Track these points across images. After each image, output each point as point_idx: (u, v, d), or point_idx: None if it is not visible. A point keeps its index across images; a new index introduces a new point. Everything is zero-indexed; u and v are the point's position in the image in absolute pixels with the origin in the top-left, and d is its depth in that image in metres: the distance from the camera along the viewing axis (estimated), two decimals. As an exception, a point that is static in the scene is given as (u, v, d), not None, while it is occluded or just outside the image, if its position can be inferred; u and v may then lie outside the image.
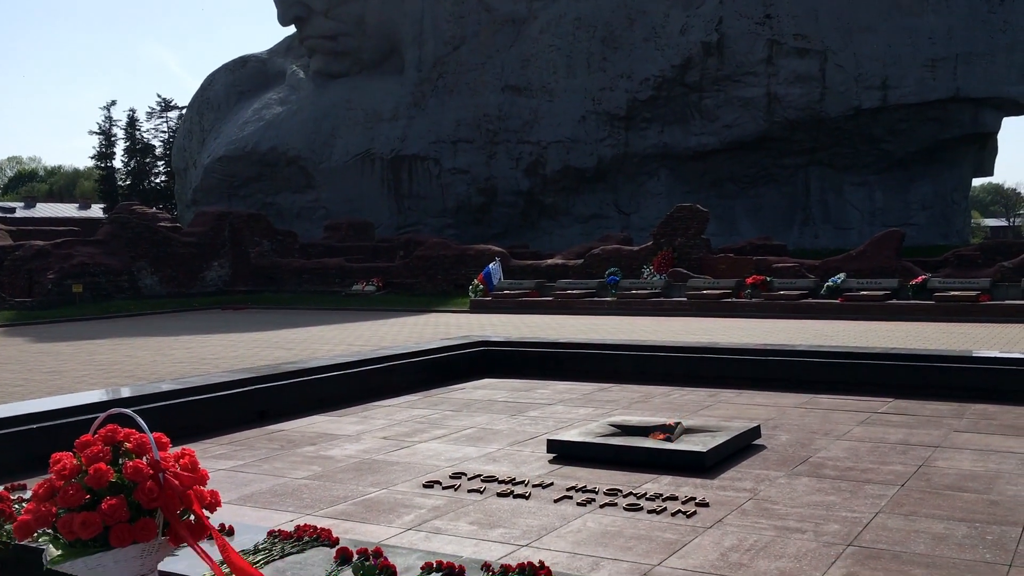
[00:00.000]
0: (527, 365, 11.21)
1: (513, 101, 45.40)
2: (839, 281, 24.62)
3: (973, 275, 24.38)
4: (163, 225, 34.43)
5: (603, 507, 5.34)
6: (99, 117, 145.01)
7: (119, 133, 74.59)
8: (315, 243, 39.10)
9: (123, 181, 74.16)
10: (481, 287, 28.78)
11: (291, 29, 54.81)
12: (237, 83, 55.76)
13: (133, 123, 73.94)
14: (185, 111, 61.63)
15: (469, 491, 5.77)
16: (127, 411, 3.21)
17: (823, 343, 15.75)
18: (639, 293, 26.59)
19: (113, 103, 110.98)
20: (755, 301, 24.53)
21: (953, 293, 22.73)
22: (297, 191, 49.92)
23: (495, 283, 29.02)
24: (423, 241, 35.06)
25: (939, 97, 38.79)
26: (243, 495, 5.83)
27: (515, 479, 5.99)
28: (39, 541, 3.03)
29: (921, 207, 41.82)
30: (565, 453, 6.59)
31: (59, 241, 33.08)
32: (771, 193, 43.03)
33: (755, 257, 28.04)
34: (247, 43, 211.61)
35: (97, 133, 74.36)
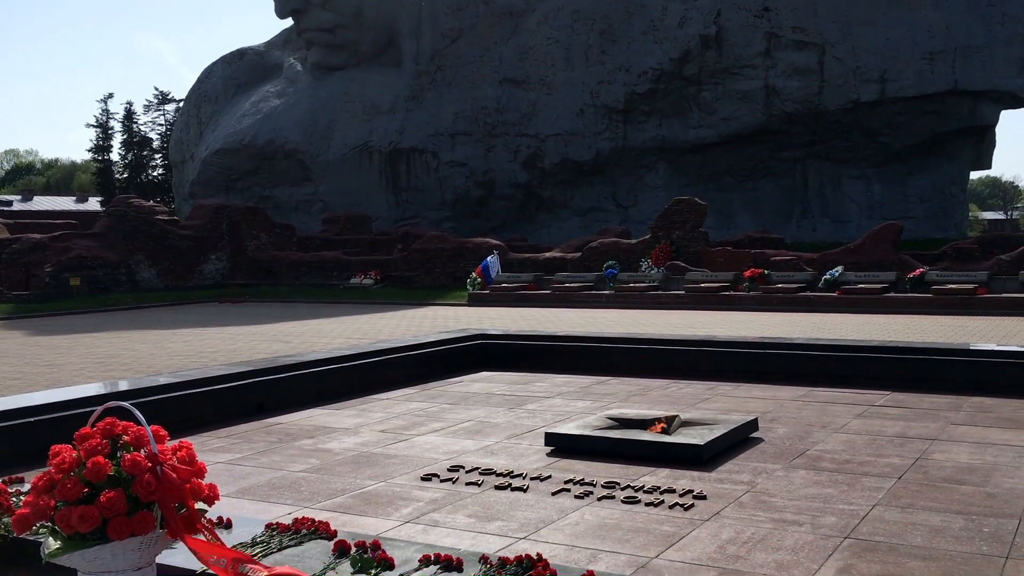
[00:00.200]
0: (525, 358, 11.22)
1: (511, 94, 45.34)
2: (837, 274, 24.63)
3: (971, 268, 24.40)
4: (160, 218, 34.39)
5: (601, 500, 5.35)
6: (96, 110, 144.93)
7: (116, 126, 74.55)
8: (313, 236, 39.06)
9: (120, 174, 74.07)
10: (479, 280, 28.78)
11: (289, 21, 54.68)
12: (234, 76, 55.64)
13: (130, 116, 73.84)
14: (182, 104, 61.52)
15: (467, 484, 5.77)
16: (125, 404, 3.21)
17: (821, 336, 15.76)
18: (637, 286, 26.60)
19: (110, 96, 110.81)
20: (753, 294, 24.54)
21: (951, 286, 22.76)
22: (295, 184, 49.85)
23: (493, 276, 29.02)
24: (421, 234, 35.04)
25: (937, 90, 38.79)
26: (241, 488, 5.84)
27: (513, 472, 5.99)
28: (38, 534, 3.04)
29: (919, 200, 41.83)
30: (563, 446, 6.60)
31: (56, 234, 33.04)
32: (769, 186, 43.02)
33: (753, 250, 28.05)
34: (244, 36, 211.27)
35: (94, 126, 74.31)
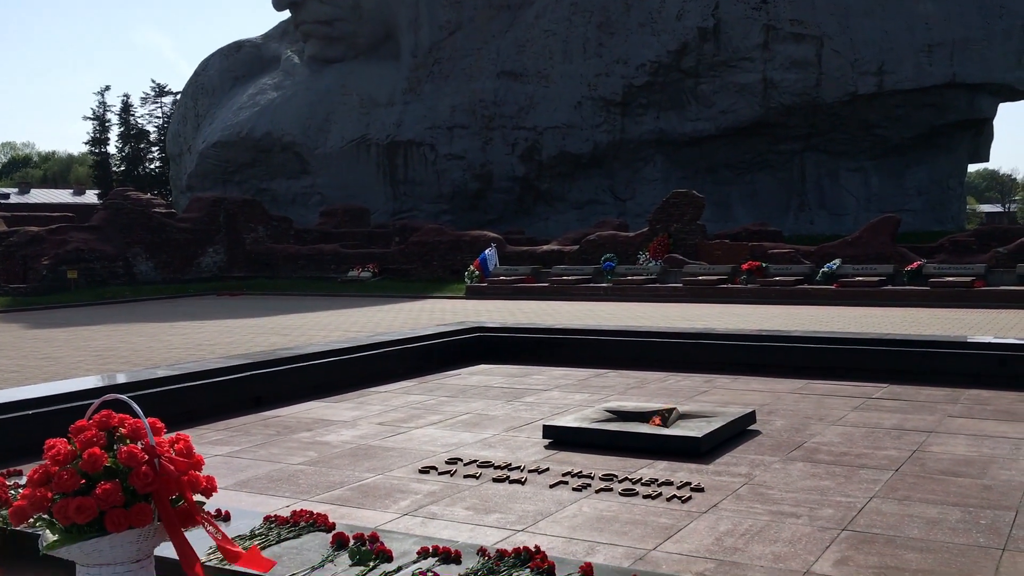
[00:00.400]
0: (523, 351, 11.23)
1: (509, 87, 45.26)
2: (834, 267, 24.64)
3: (968, 261, 24.41)
4: (158, 211, 34.34)
5: (599, 492, 5.36)
6: (93, 102, 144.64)
7: (113, 119, 74.32)
8: (310, 229, 39.02)
9: (117, 167, 73.91)
10: (477, 273, 28.77)
11: (286, 14, 54.52)
12: (232, 68, 55.50)
13: (127, 108, 73.64)
14: (179, 96, 61.36)
15: (465, 476, 5.78)
16: (122, 397, 3.21)
17: (818, 329, 15.78)
18: (635, 279, 26.60)
19: (107, 88, 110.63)
20: (751, 287, 24.55)
21: (948, 279, 22.77)
22: (292, 177, 49.77)
23: (491, 269, 29.01)
24: (419, 227, 35.00)
25: (935, 83, 38.75)
26: (239, 481, 5.84)
27: (511, 465, 6.00)
28: (35, 526, 3.04)
29: (917, 193, 41.83)
30: (561, 439, 6.61)
31: (54, 227, 32.98)
32: (767, 179, 43.00)
33: (751, 243, 28.04)
34: (241, 28, 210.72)
35: (91, 119, 74.09)
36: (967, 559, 4.17)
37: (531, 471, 5.85)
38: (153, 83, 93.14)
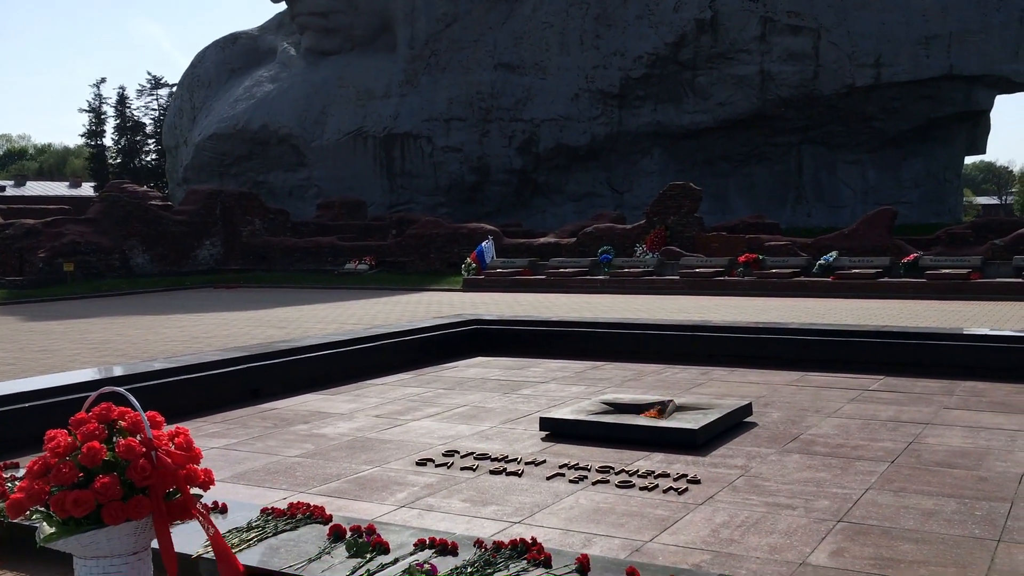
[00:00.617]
0: (520, 343, 11.24)
1: (506, 79, 45.19)
2: (831, 259, 24.65)
3: (964, 253, 24.43)
4: (154, 203, 34.28)
5: (595, 484, 5.37)
6: (89, 95, 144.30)
7: (109, 111, 74.21)
8: (307, 222, 38.98)
9: (113, 159, 73.77)
10: (474, 265, 28.76)
11: (282, 6, 54.38)
12: (228, 60, 55.35)
13: (123, 101, 73.48)
14: (175, 88, 61.23)
15: (462, 469, 5.79)
16: (120, 390, 3.21)
17: (815, 321, 15.79)
18: (632, 271, 26.60)
19: (103, 80, 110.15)
20: (747, 279, 24.56)
21: (944, 271, 22.80)
22: (289, 169, 49.70)
23: (488, 261, 29.00)
24: (416, 220, 34.97)
25: (932, 75, 38.74)
26: (236, 473, 5.85)
27: (508, 457, 6.01)
28: (32, 519, 3.04)
29: (913, 185, 41.86)
30: (558, 431, 6.62)
31: (50, 220, 32.92)
32: (764, 171, 43.01)
33: (748, 235, 28.05)
34: (238, 20, 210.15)
35: (87, 111, 74.00)
36: (962, 550, 4.18)
37: (528, 463, 5.86)
38: (149, 75, 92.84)
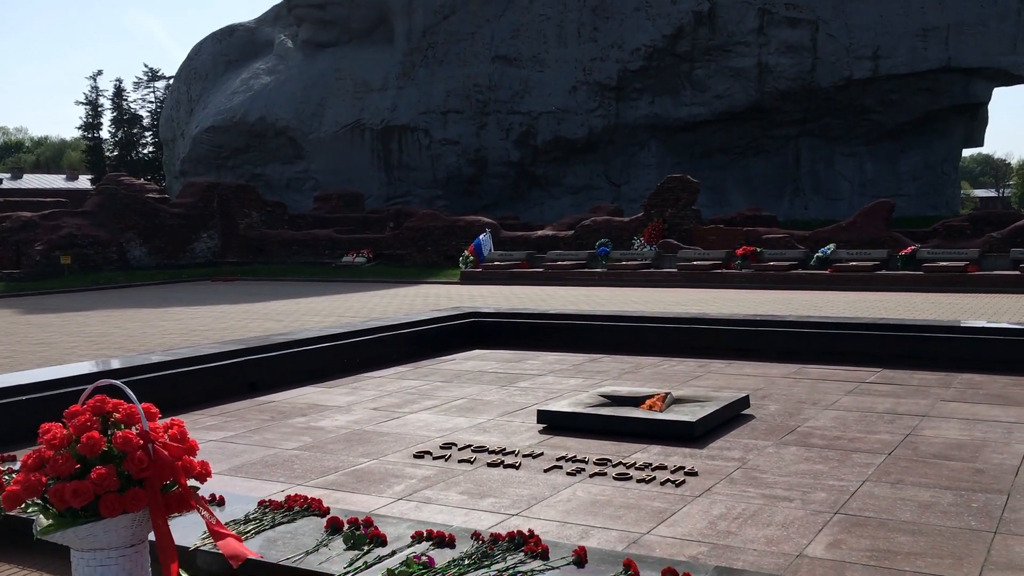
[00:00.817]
0: (517, 336, 11.24)
1: (503, 71, 45.10)
2: (829, 252, 24.65)
3: (962, 246, 24.44)
4: (151, 196, 34.21)
5: (593, 477, 5.37)
6: (85, 87, 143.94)
7: (106, 103, 73.94)
8: (304, 214, 38.92)
9: (110, 152, 73.59)
10: (471, 258, 28.74)
11: (279, -2, 54.24)
12: (224, 52, 55.19)
13: (120, 93, 73.24)
14: (172, 81, 61.03)
15: (459, 461, 5.79)
16: (116, 382, 3.20)
17: (812, 314, 15.80)
18: (629, 264, 26.60)
19: (99, 73, 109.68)
20: (745, 272, 24.57)
21: (942, 264, 22.81)
22: (286, 162, 49.61)
23: (485, 254, 28.98)
24: (413, 212, 34.93)
25: (930, 67, 38.70)
26: (234, 466, 5.85)
27: (505, 449, 6.02)
28: (28, 511, 3.04)
29: (911, 178, 41.85)
30: (555, 423, 6.62)
31: (47, 212, 32.85)
32: (761, 164, 42.98)
33: (745, 228, 28.04)
34: (234, 12, 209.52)
35: (84, 103, 73.72)
36: (959, 542, 4.19)
37: (525, 456, 5.86)
38: (146, 67, 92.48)
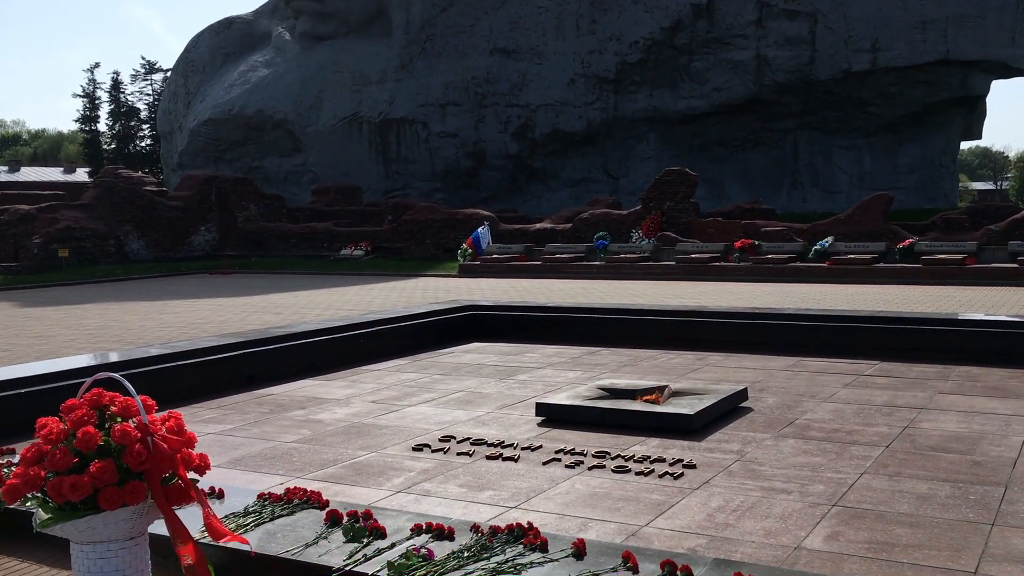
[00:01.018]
0: (516, 329, 11.24)
1: (502, 64, 45.02)
2: (827, 245, 24.66)
3: (960, 238, 24.45)
4: (149, 189, 34.15)
5: (591, 469, 5.38)
6: (83, 80, 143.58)
7: (103, 96, 73.77)
8: (303, 207, 38.88)
9: (108, 145, 73.43)
10: (470, 251, 28.73)
11: (276, -10, 54.07)
12: (222, 45, 55.06)
13: (117, 86, 73.07)
14: (170, 74, 60.90)
15: (458, 454, 5.80)
16: (115, 375, 3.20)
17: (810, 307, 15.81)
18: (628, 257, 26.60)
19: (97, 65, 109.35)
20: (743, 265, 24.57)
21: (940, 256, 22.82)
22: (284, 155, 49.54)
23: (484, 247, 28.97)
24: (411, 205, 34.90)
25: (928, 60, 38.65)
26: (233, 459, 5.85)
27: (504, 442, 6.02)
28: (27, 505, 3.04)
29: (909, 170, 41.84)
30: (554, 416, 6.63)
31: (44, 205, 32.79)
32: (760, 157, 42.95)
33: (743, 221, 28.04)
34: (232, 4, 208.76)
35: (81, 96, 73.56)
36: (956, 534, 4.20)
37: (524, 448, 5.87)
38: (143, 60, 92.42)
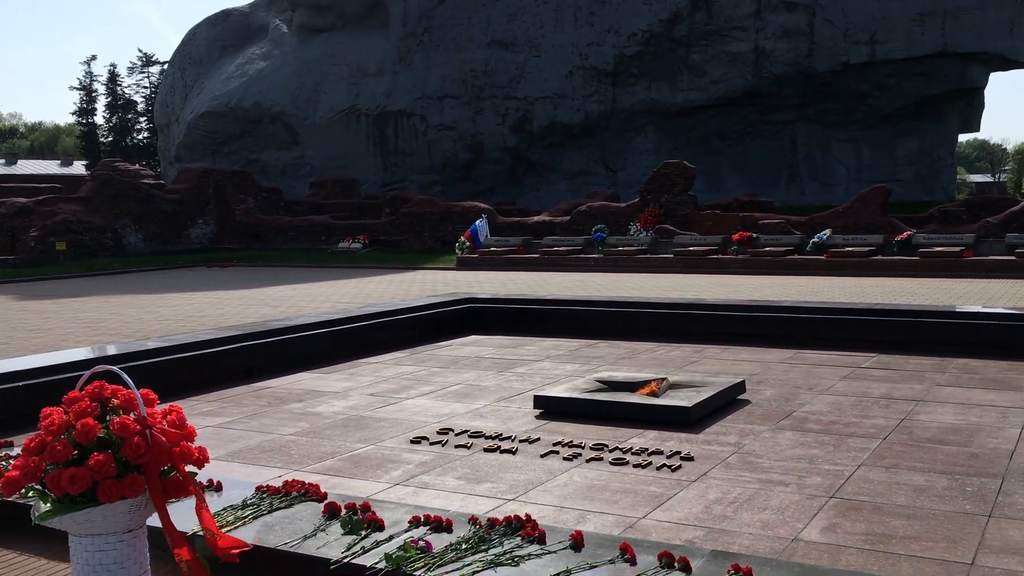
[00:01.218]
0: (514, 322, 11.24)
1: (500, 56, 44.94)
2: (825, 237, 24.67)
3: (958, 231, 24.46)
4: (146, 182, 34.11)
5: (589, 462, 5.39)
6: (80, 72, 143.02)
7: (100, 89, 73.59)
8: (300, 200, 38.84)
9: (105, 137, 73.28)
10: (468, 244, 28.72)
11: (274, -18, 53.93)
12: (219, 37, 54.91)
13: (114, 78, 72.89)
14: (167, 66, 60.77)
15: (456, 447, 5.81)
16: (114, 368, 3.20)
17: (808, 299, 15.83)
18: (626, 250, 26.60)
19: (94, 58, 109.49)
20: (741, 257, 24.58)
21: (937, 249, 22.83)
22: (282, 148, 49.47)
23: (482, 240, 28.96)
24: (409, 198, 34.87)
25: (927, 52, 38.62)
26: (231, 451, 5.86)
27: (502, 435, 6.03)
28: (27, 497, 3.04)
29: (907, 163, 41.83)
30: (552, 409, 6.64)
31: (41, 198, 32.74)
32: (758, 149, 42.92)
33: (741, 213, 28.03)
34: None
35: (78, 88, 73.39)
36: (953, 526, 4.22)
37: (522, 441, 5.88)
38: (140, 53, 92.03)
